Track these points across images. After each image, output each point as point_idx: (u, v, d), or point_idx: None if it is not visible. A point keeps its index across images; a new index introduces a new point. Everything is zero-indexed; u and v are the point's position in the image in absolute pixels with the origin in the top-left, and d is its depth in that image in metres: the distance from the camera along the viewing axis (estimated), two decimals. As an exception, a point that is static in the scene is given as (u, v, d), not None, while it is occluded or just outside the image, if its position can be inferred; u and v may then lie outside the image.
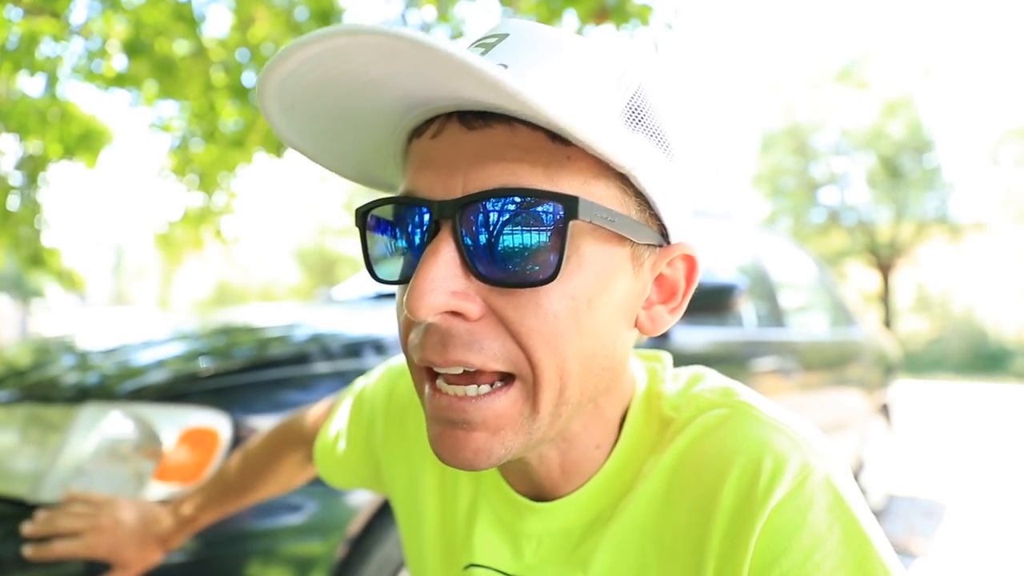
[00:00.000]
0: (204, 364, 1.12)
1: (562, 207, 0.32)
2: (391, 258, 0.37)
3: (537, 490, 0.43)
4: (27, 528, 0.70)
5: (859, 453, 2.77)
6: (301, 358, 1.15)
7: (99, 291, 24.80)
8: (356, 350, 1.22)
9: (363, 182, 0.43)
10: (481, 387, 0.35)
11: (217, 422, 0.99)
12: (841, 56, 13.45)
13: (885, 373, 3.18)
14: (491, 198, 0.32)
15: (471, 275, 0.33)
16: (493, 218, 0.33)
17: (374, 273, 0.38)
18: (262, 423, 1.01)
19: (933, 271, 13.88)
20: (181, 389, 1.03)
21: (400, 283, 0.37)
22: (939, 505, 3.11)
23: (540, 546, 0.43)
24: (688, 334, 1.79)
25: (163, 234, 3.91)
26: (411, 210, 0.35)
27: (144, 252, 22.65)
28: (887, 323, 12.46)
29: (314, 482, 0.73)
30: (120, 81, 2.98)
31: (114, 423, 0.98)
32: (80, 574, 0.84)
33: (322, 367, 1.15)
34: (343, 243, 16.96)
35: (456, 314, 0.34)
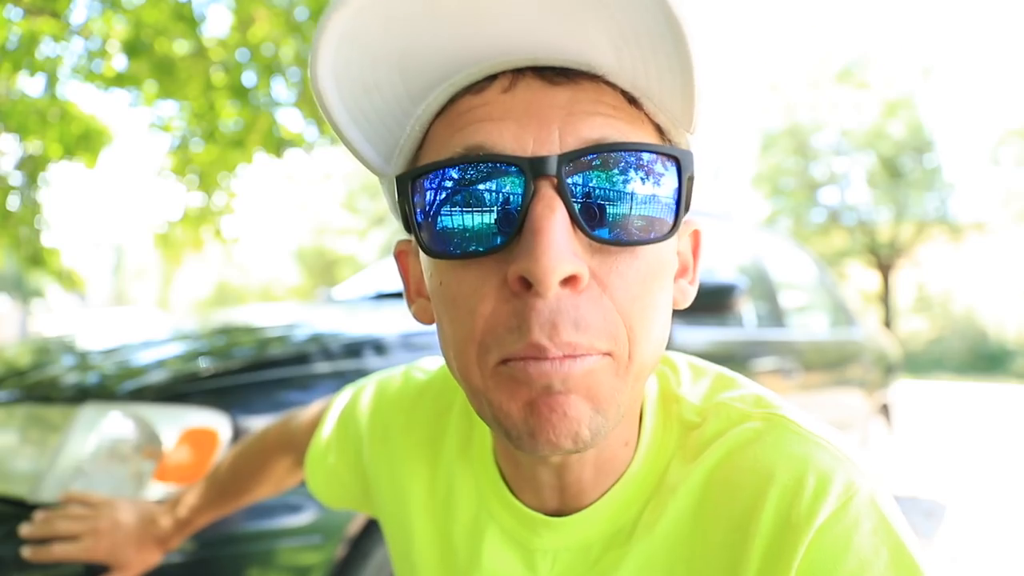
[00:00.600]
0: (204, 364, 1.12)
1: (676, 162, 0.32)
2: (462, 230, 0.31)
3: (555, 501, 0.41)
4: (25, 530, 0.70)
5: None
6: (301, 358, 1.15)
7: (99, 291, 24.80)
8: (356, 350, 1.22)
9: (361, 153, 0.38)
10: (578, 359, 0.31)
11: (217, 422, 0.99)
12: (841, 56, 13.46)
13: (885, 373, 3.18)
14: (602, 151, 0.30)
15: (582, 236, 0.31)
16: (606, 172, 0.30)
17: (432, 248, 0.32)
18: (262, 423, 1.01)
19: (933, 271, 13.89)
20: (181, 389, 1.03)
21: (476, 255, 0.32)
22: (939, 505, 3.11)
23: (556, 562, 0.41)
24: (688, 334, 1.79)
25: (163, 234, 3.90)
26: (495, 168, 0.31)
27: (144, 252, 22.66)
28: (887, 323, 12.46)
29: (314, 483, 0.72)
30: (120, 81, 2.98)
31: (114, 423, 0.98)
32: (80, 575, 0.84)
33: (322, 367, 1.15)
34: (343, 243, 16.96)
35: (567, 283, 0.30)
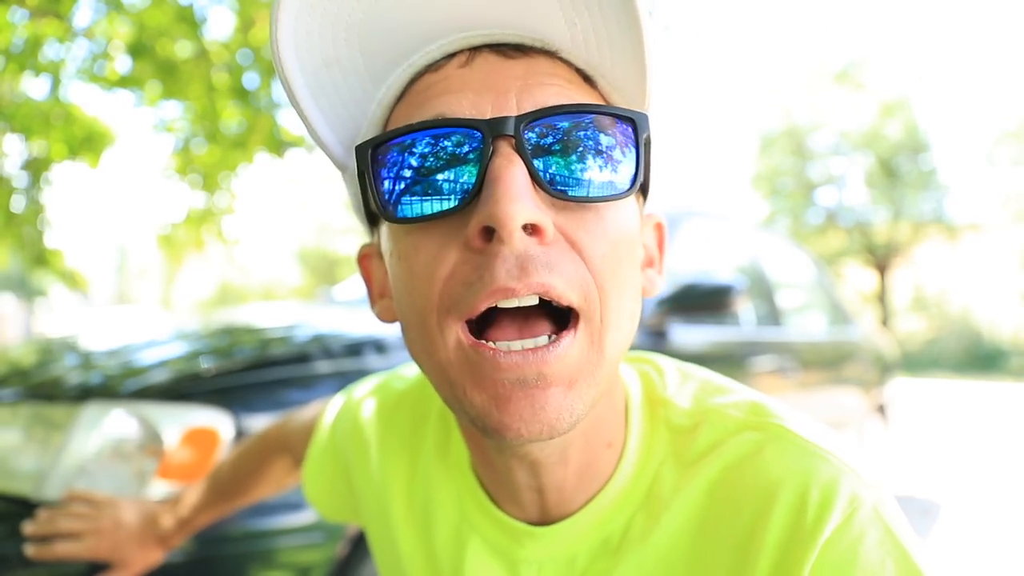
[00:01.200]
0: (206, 364, 1.13)
1: (632, 122, 0.32)
2: (422, 192, 0.31)
3: (536, 508, 0.40)
4: (29, 527, 0.70)
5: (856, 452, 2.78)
6: (302, 358, 1.16)
7: (102, 291, 24.76)
8: (357, 350, 1.23)
9: (321, 138, 0.37)
10: (551, 337, 0.31)
11: (219, 421, 1.00)
12: (839, 58, 13.45)
13: (882, 372, 3.19)
14: (559, 112, 0.31)
15: (542, 193, 0.31)
16: (563, 132, 0.31)
17: (394, 213, 0.32)
18: (263, 422, 1.02)
19: (930, 271, 13.87)
20: (183, 388, 1.04)
21: (438, 216, 0.31)
22: (935, 504, 3.11)
23: (541, 573, 0.40)
24: (686, 334, 1.80)
25: (165, 234, 3.91)
26: (453, 133, 0.31)
27: (147, 252, 22.62)
28: (884, 323, 12.45)
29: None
30: (123, 83, 2.99)
31: (117, 422, 0.98)
32: (83, 572, 0.85)
33: (323, 367, 1.16)
34: (345, 243, 16.94)
35: (533, 233, 0.30)
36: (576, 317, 0.32)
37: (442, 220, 0.31)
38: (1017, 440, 4.75)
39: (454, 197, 0.31)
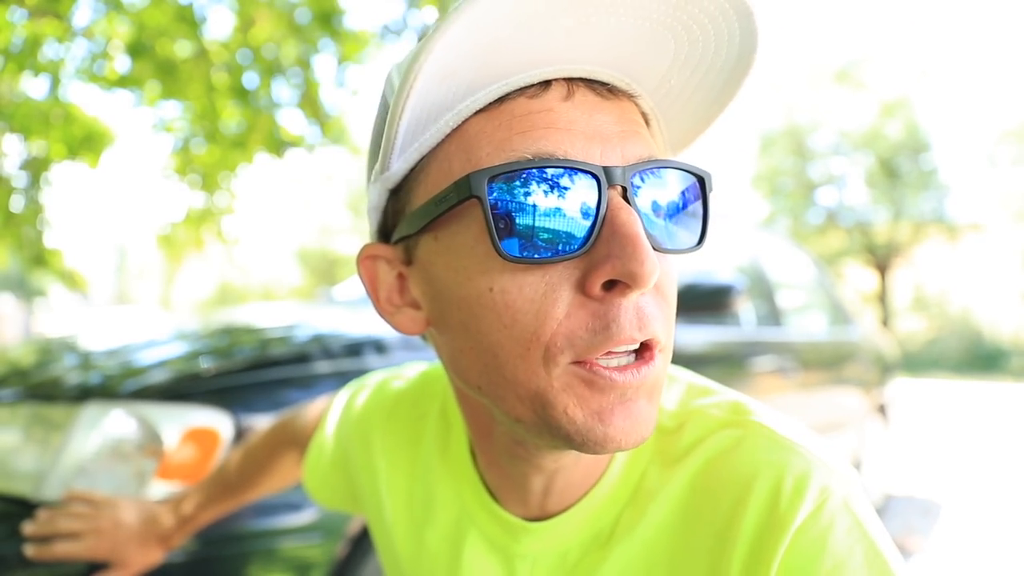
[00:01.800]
0: (206, 364, 1.13)
1: (703, 180, 0.35)
2: (540, 232, 0.31)
3: (538, 507, 0.42)
4: (28, 528, 0.70)
5: (856, 452, 2.78)
6: (302, 358, 1.16)
7: (101, 291, 24.77)
8: (357, 350, 1.23)
9: (394, 140, 0.35)
10: (638, 353, 0.33)
11: (219, 421, 1.00)
12: (839, 57, 13.45)
13: (882, 372, 3.19)
14: (658, 166, 0.33)
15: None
16: (659, 188, 0.33)
17: (509, 250, 0.31)
18: (263, 422, 1.02)
19: (930, 271, 13.88)
20: (183, 388, 1.04)
21: (558, 258, 0.31)
22: (936, 504, 3.11)
23: (536, 567, 0.42)
24: (686, 334, 1.80)
25: (165, 234, 3.91)
26: (573, 175, 0.31)
27: (146, 252, 22.63)
28: (884, 323, 12.46)
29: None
30: (123, 82, 2.99)
31: (116, 422, 0.98)
32: (82, 573, 0.85)
33: (323, 367, 1.16)
34: (344, 243, 16.95)
35: None
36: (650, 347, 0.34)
37: (554, 262, 0.31)
38: (1018, 440, 4.75)
39: (574, 242, 0.31)
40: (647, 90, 0.36)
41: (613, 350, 0.32)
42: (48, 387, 1.11)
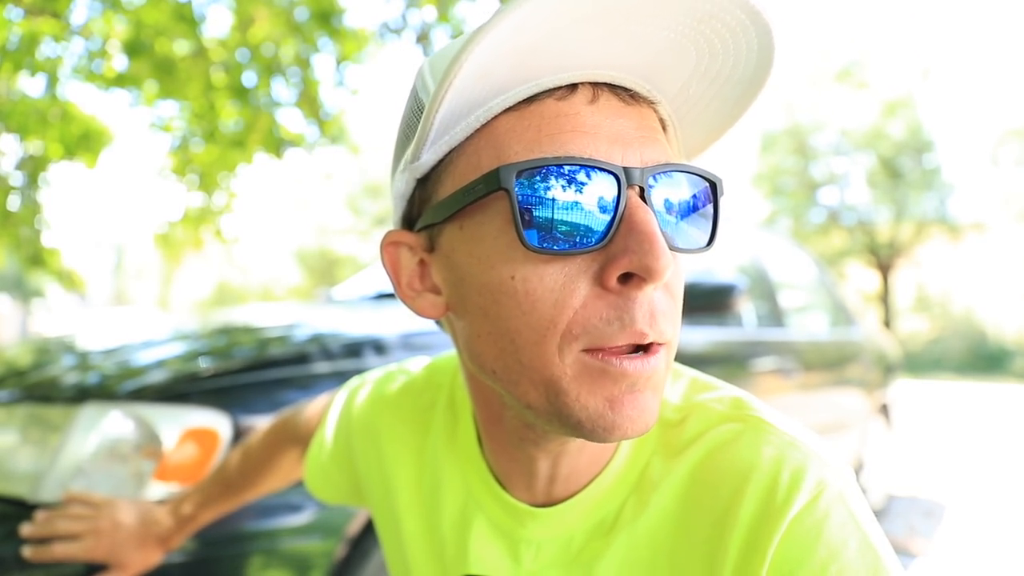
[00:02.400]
0: (204, 364, 1.12)
1: (714, 185, 0.37)
2: (562, 225, 0.33)
3: (544, 494, 0.43)
4: (26, 529, 0.70)
5: (859, 453, 2.77)
6: (301, 358, 1.15)
7: (99, 291, 24.80)
8: (356, 350, 1.22)
9: (427, 134, 0.36)
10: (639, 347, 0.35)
11: (217, 422, 0.99)
12: (841, 56, 13.46)
13: (885, 373, 3.18)
14: (673, 170, 0.35)
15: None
16: (674, 187, 0.35)
17: (532, 241, 0.33)
18: (262, 423, 1.01)
19: (933, 271, 13.89)
20: (181, 389, 1.03)
21: (577, 251, 0.33)
22: (939, 505, 3.11)
23: (540, 552, 0.43)
24: (688, 334, 1.79)
25: (163, 234, 3.91)
26: (595, 173, 0.33)
27: (144, 252, 22.65)
28: (887, 323, 12.47)
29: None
30: (120, 81, 2.99)
31: (114, 423, 0.98)
32: (81, 574, 0.84)
33: (322, 367, 1.15)
34: (344, 243, 16.96)
35: None
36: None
37: (574, 254, 0.34)
38: (1021, 441, 4.75)
39: (593, 236, 0.33)
40: (667, 97, 0.38)
41: (622, 343, 0.33)
42: (46, 388, 1.10)
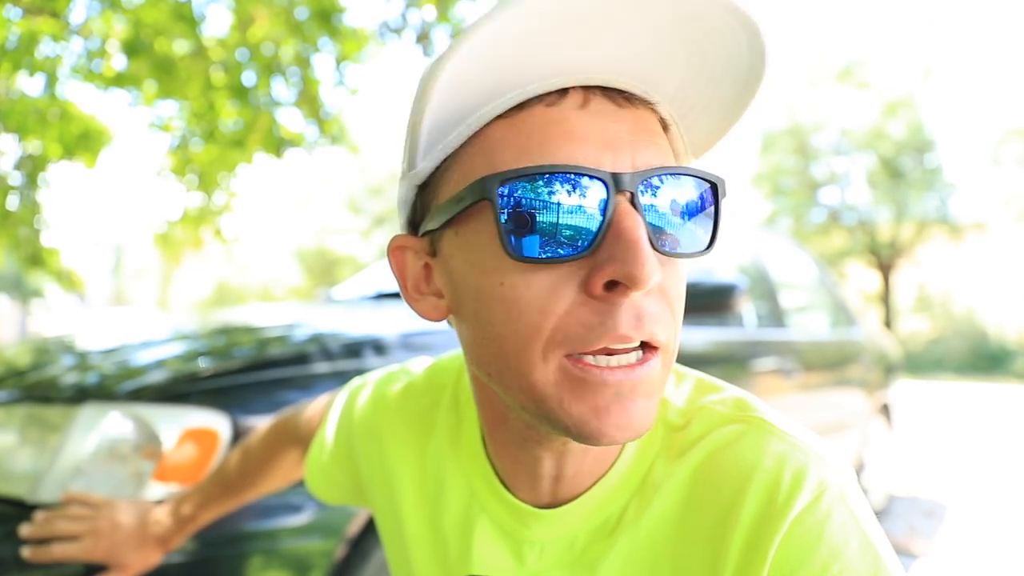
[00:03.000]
0: (204, 364, 1.12)
1: (716, 186, 0.36)
2: (547, 234, 0.33)
3: (548, 495, 0.43)
4: (25, 530, 0.70)
5: (860, 453, 2.77)
6: (301, 358, 1.15)
7: (98, 291, 24.79)
8: (356, 350, 1.22)
9: (417, 142, 0.38)
10: (640, 353, 0.35)
11: (217, 422, 0.99)
12: (842, 56, 13.45)
13: (886, 373, 3.18)
14: (666, 173, 0.34)
15: (654, 247, 0.34)
16: (667, 191, 0.35)
17: (517, 250, 0.33)
18: (262, 423, 1.01)
19: (934, 271, 13.89)
20: (181, 389, 1.03)
21: (560, 259, 0.33)
22: (940, 505, 3.11)
23: (543, 553, 0.43)
24: (688, 334, 1.79)
25: (162, 234, 3.90)
26: (580, 180, 0.33)
27: (143, 252, 22.66)
28: (887, 323, 12.46)
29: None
30: (119, 81, 2.98)
31: (113, 423, 0.98)
32: (81, 574, 0.84)
33: (322, 367, 1.15)
34: (343, 243, 16.96)
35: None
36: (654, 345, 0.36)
37: (561, 261, 0.34)
38: (1022, 441, 4.75)
39: (579, 244, 0.33)
40: (665, 98, 0.37)
41: (613, 347, 0.33)
42: (45, 388, 1.10)
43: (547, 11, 0.31)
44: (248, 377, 1.08)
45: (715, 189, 0.36)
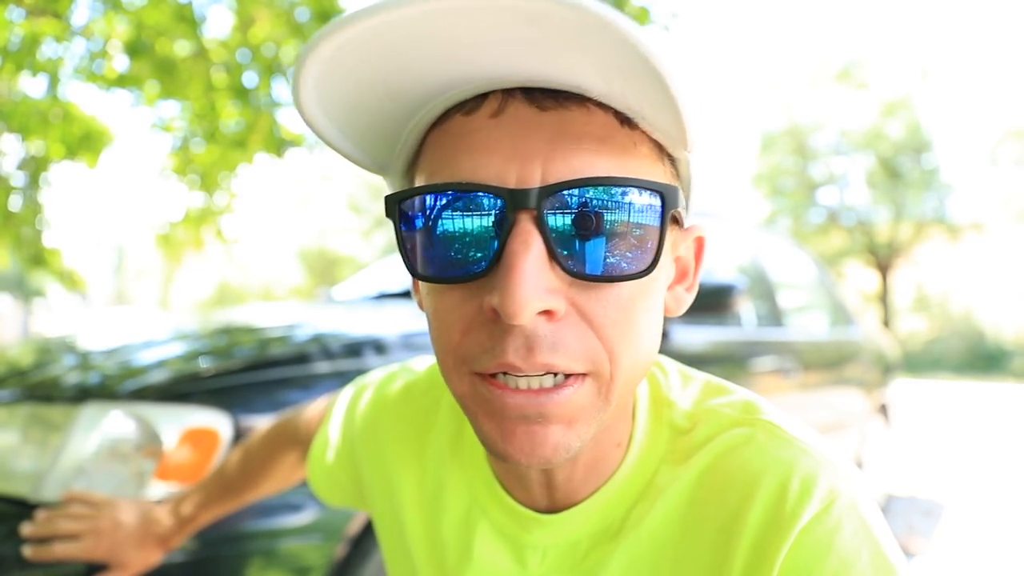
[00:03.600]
0: (205, 364, 1.12)
1: (660, 197, 0.31)
2: (444, 254, 0.32)
3: (545, 499, 0.42)
4: (26, 529, 0.70)
5: (858, 453, 2.78)
6: (302, 358, 1.15)
7: (100, 291, 24.78)
8: (356, 350, 1.22)
9: (361, 162, 0.38)
10: (557, 377, 0.32)
11: (218, 422, 0.99)
12: (840, 57, 13.46)
13: (884, 373, 3.18)
14: (581, 186, 0.30)
15: (558, 269, 0.31)
16: (584, 209, 0.30)
17: (415, 269, 0.33)
18: (263, 423, 1.01)
19: (932, 271, 13.89)
20: (182, 389, 1.03)
21: (454, 280, 0.32)
22: (938, 504, 3.11)
23: (545, 557, 0.42)
24: (687, 334, 1.80)
25: (164, 234, 3.91)
26: (476, 198, 0.31)
27: (145, 252, 22.64)
28: (886, 323, 12.47)
29: (314, 481, 0.73)
30: (121, 82, 2.99)
31: (115, 423, 0.98)
32: (81, 574, 0.84)
33: (322, 367, 1.15)
34: (344, 243, 16.96)
35: (543, 313, 0.31)
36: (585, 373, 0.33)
37: (459, 282, 0.32)
38: (1019, 441, 4.75)
39: (474, 266, 0.31)
40: (603, 94, 0.31)
41: (512, 372, 0.32)
42: (47, 387, 1.10)
43: (440, 9, 0.27)
44: (249, 377, 1.08)
45: (662, 198, 0.32)
